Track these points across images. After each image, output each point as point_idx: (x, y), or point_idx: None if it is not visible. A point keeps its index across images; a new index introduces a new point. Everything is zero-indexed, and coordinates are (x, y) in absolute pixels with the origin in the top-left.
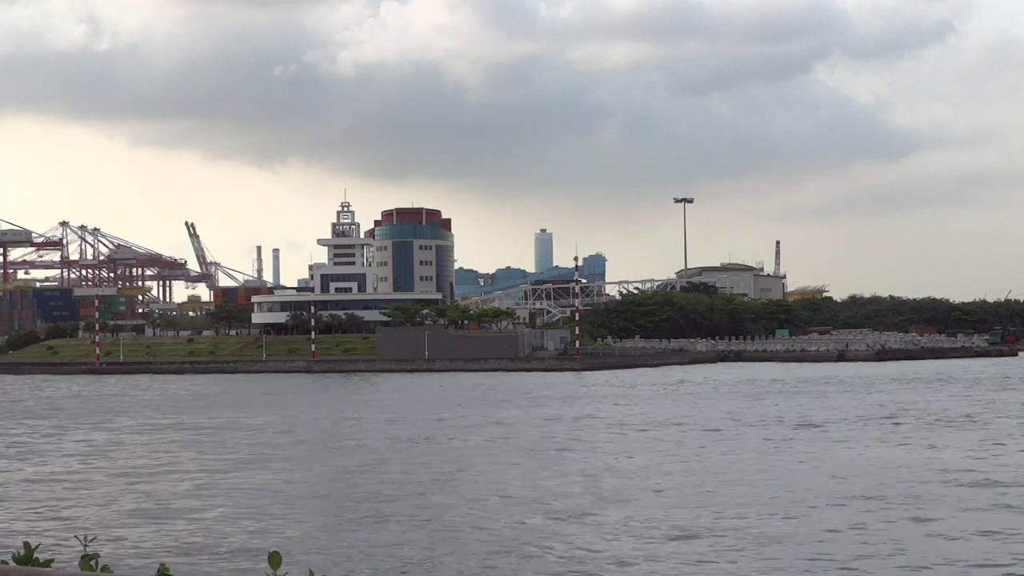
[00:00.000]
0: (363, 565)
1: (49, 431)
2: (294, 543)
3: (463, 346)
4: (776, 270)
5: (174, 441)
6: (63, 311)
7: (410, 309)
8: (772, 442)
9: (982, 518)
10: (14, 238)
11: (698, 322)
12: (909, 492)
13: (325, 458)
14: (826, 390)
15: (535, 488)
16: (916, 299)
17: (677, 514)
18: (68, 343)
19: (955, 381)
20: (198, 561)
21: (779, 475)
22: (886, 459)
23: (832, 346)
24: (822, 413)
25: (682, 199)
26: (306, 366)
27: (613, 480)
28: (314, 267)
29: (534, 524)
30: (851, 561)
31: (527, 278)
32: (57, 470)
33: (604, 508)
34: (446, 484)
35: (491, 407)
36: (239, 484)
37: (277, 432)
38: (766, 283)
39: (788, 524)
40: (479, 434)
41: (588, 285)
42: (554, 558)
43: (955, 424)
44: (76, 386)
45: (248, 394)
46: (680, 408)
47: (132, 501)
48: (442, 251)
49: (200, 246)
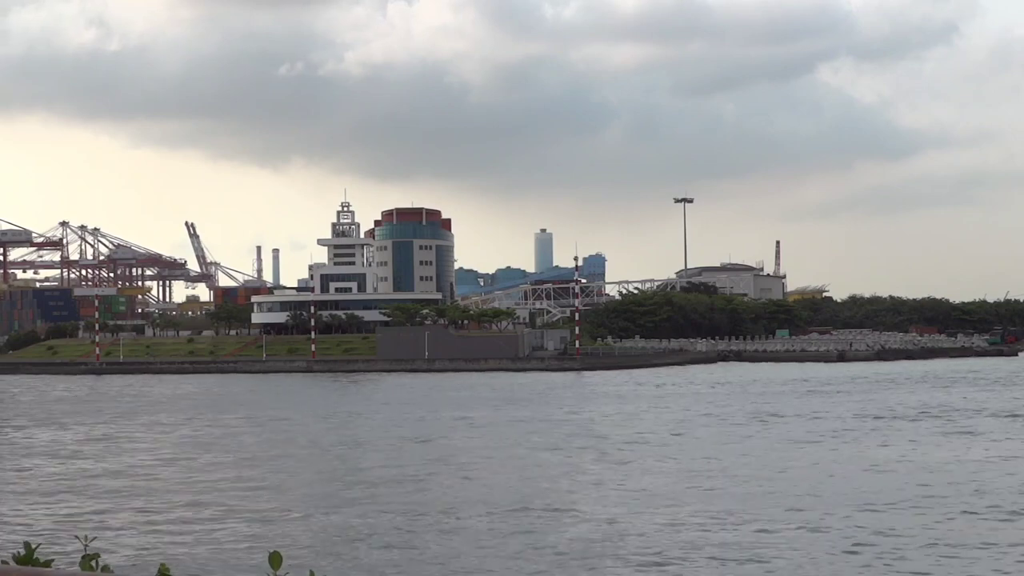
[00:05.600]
0: (364, 565)
1: (48, 431)
2: (294, 543)
3: (463, 346)
4: (776, 270)
5: (174, 441)
6: (63, 311)
7: (410, 309)
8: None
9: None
10: (14, 238)
11: (698, 322)
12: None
13: (326, 458)
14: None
15: (538, 488)
16: (916, 299)
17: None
18: (68, 343)
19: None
20: (198, 561)
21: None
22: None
23: (832, 346)
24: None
25: (682, 199)
26: (306, 366)
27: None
28: (314, 267)
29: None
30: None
31: (527, 278)
32: (57, 470)
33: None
34: (450, 483)
35: (498, 407)
36: (240, 484)
37: (277, 432)
38: (766, 283)
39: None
40: (493, 433)
41: (588, 285)
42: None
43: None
44: (75, 386)
45: (248, 394)
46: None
47: (133, 501)
48: (442, 251)
49: (200, 246)
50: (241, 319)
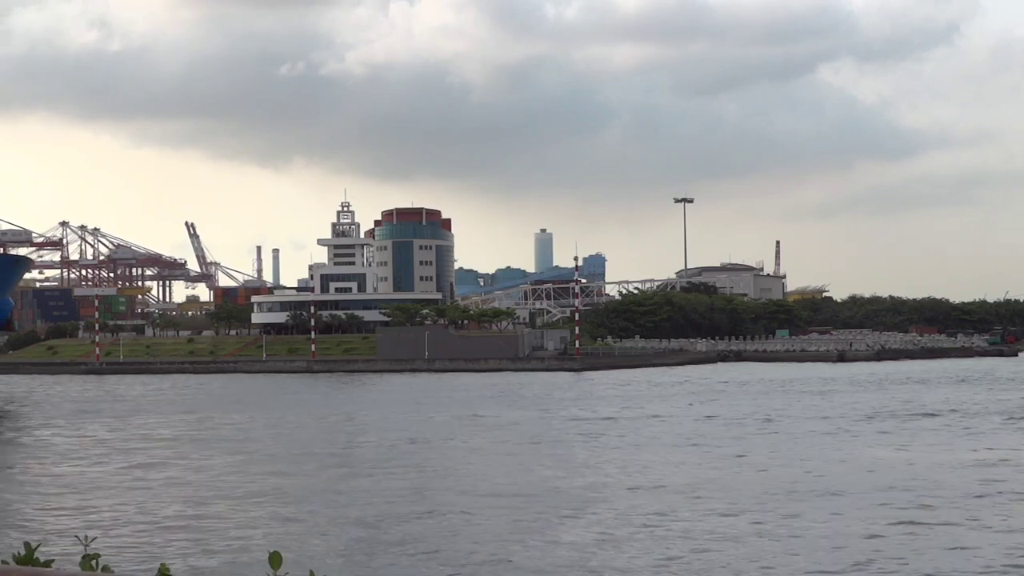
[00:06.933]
0: (365, 565)
1: (48, 432)
2: (295, 543)
3: (463, 346)
4: (776, 270)
5: (174, 441)
6: (63, 311)
7: (410, 309)
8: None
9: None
10: (14, 238)
11: (698, 322)
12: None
13: (326, 458)
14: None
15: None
16: (916, 299)
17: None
18: (68, 343)
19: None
20: (199, 561)
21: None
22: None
23: (832, 346)
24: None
25: (682, 199)
26: (306, 366)
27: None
28: (314, 267)
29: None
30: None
31: (527, 278)
32: (58, 470)
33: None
34: (453, 484)
35: (499, 407)
36: (240, 484)
37: (277, 432)
38: (766, 283)
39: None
40: (494, 435)
41: (588, 285)
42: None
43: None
44: (76, 386)
45: (248, 394)
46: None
47: (133, 500)
48: (442, 251)
49: (200, 246)
50: (241, 319)
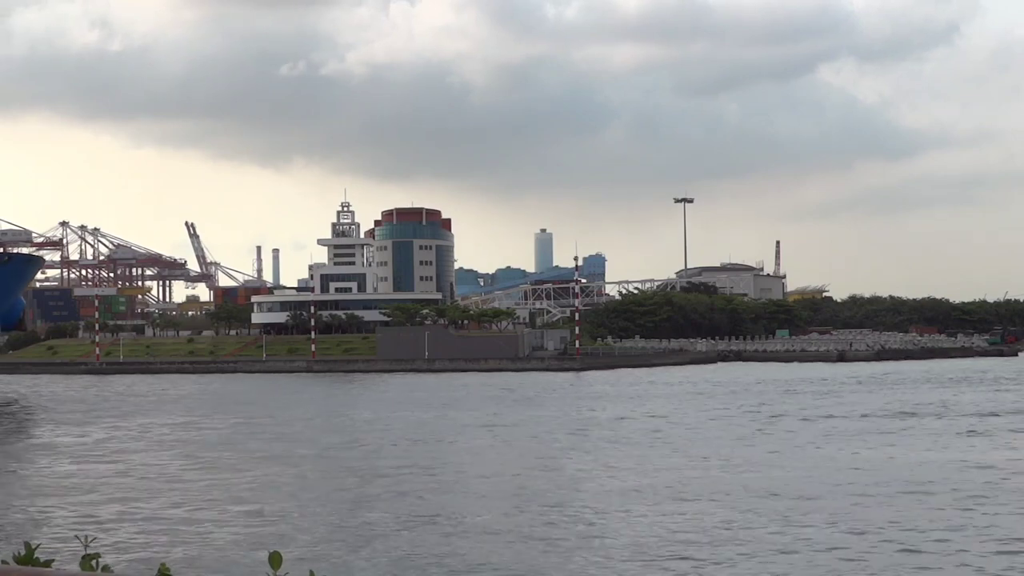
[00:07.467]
0: (365, 565)
1: (47, 431)
2: (295, 543)
3: (463, 346)
4: (776, 270)
5: (175, 441)
6: (63, 311)
7: (410, 309)
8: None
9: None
10: (14, 238)
11: (698, 322)
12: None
13: (327, 458)
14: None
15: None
16: (916, 299)
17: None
18: (68, 343)
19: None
20: (199, 561)
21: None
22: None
23: (832, 346)
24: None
25: (682, 199)
26: (306, 366)
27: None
28: (314, 267)
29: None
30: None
31: (527, 278)
32: (57, 470)
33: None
34: (451, 483)
35: (499, 407)
36: (240, 484)
37: (277, 432)
38: (766, 283)
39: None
40: (495, 434)
41: (588, 285)
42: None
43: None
44: (76, 386)
45: (248, 394)
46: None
47: (133, 500)
48: (442, 251)
49: (200, 246)
50: (241, 319)
